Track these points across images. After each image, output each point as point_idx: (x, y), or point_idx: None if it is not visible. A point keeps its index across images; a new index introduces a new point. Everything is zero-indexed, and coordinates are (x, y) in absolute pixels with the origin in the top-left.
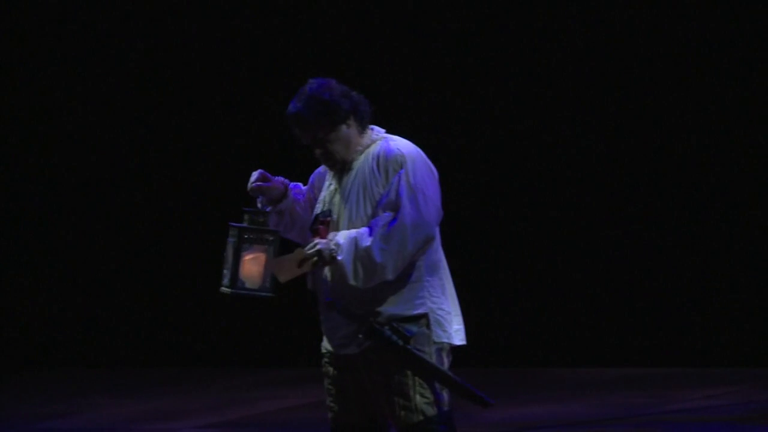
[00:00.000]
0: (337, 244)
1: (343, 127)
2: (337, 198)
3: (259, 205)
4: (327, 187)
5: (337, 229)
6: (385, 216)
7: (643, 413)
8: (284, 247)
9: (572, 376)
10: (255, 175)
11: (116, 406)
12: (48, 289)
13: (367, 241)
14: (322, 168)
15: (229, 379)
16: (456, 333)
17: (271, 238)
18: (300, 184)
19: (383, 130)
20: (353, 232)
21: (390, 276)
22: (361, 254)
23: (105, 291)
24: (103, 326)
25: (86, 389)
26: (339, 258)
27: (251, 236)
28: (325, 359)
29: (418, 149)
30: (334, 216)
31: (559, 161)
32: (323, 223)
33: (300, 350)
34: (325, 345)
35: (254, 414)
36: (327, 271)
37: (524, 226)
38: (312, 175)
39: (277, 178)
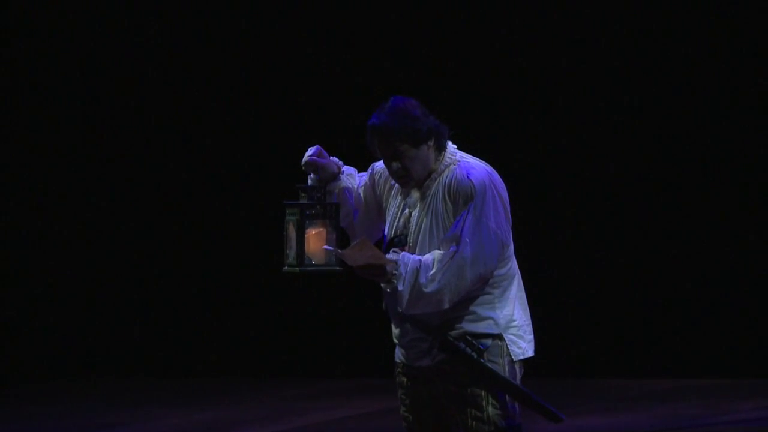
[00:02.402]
0: (400, 274)
1: (424, 147)
2: (411, 225)
3: (309, 182)
4: (399, 209)
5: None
6: (450, 251)
7: (694, 424)
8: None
9: (623, 387)
10: (312, 150)
11: (168, 417)
12: (102, 299)
13: (428, 274)
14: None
15: (282, 390)
16: (528, 344)
17: (332, 212)
18: (354, 168)
19: (455, 147)
20: (417, 261)
21: (446, 307)
22: (419, 287)
23: (163, 302)
24: (161, 337)
25: (142, 399)
26: (399, 288)
27: (313, 212)
28: (399, 370)
29: (490, 172)
30: (410, 243)
31: (618, 178)
32: (397, 252)
33: (352, 362)
34: (399, 356)
35: (306, 425)
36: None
37: (576, 239)
38: (373, 167)
39: (332, 158)
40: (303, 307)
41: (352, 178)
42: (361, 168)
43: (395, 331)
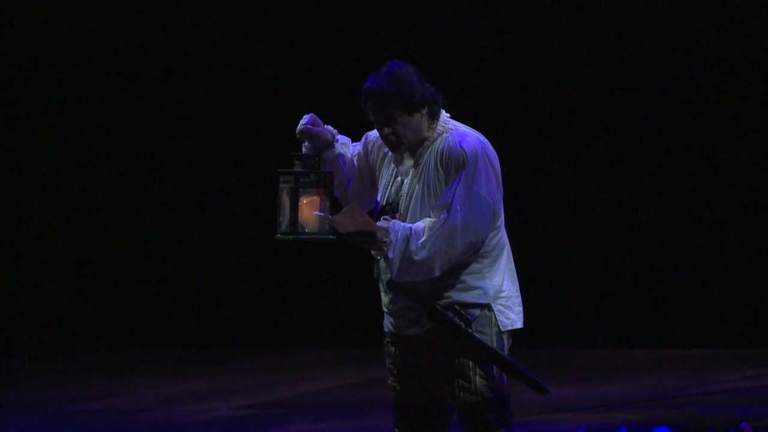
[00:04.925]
0: (390, 242)
1: (417, 115)
2: (403, 192)
3: (304, 150)
4: (391, 177)
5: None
6: (441, 218)
7: (682, 395)
8: None
9: (609, 358)
10: (306, 118)
11: (155, 387)
12: (88, 271)
13: (418, 242)
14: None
15: (268, 361)
16: (517, 316)
17: (326, 180)
18: (348, 138)
19: (448, 116)
20: (408, 229)
21: (436, 274)
22: (409, 254)
23: (146, 273)
24: (143, 308)
25: (125, 371)
26: (390, 256)
27: (307, 180)
28: (387, 339)
29: (482, 140)
30: (401, 210)
31: (604, 153)
32: (387, 219)
33: (338, 332)
34: (387, 325)
35: (292, 395)
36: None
37: (562, 211)
38: (366, 137)
39: (326, 126)
40: (290, 278)
41: (346, 147)
42: (355, 138)
43: (385, 299)
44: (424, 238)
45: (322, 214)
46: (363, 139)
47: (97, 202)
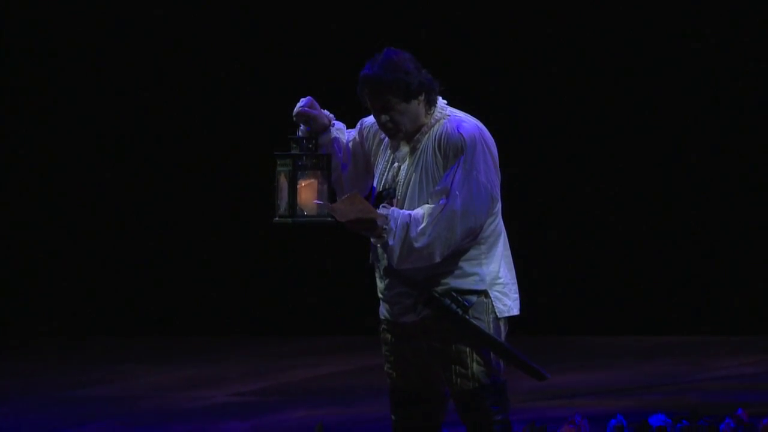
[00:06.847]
0: (390, 229)
1: (415, 102)
2: (400, 178)
3: (299, 134)
4: (388, 163)
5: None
6: (440, 204)
7: (678, 382)
8: None
9: (608, 345)
10: (304, 101)
11: (151, 374)
12: (83, 259)
13: (418, 228)
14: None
15: (264, 348)
16: (514, 302)
17: (324, 163)
18: (343, 124)
19: (445, 102)
20: (407, 216)
21: (437, 260)
22: (409, 241)
23: (140, 261)
24: (138, 295)
25: (121, 357)
26: (390, 243)
27: (305, 163)
28: (383, 326)
29: (479, 126)
30: (398, 196)
31: (596, 138)
32: (387, 206)
33: (336, 319)
34: (383, 312)
35: (289, 382)
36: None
37: (561, 197)
38: (362, 123)
39: (323, 110)
40: (286, 264)
41: (342, 133)
42: (349, 126)
43: (380, 285)
44: (423, 225)
45: (321, 202)
46: (358, 126)
47: (93, 189)
